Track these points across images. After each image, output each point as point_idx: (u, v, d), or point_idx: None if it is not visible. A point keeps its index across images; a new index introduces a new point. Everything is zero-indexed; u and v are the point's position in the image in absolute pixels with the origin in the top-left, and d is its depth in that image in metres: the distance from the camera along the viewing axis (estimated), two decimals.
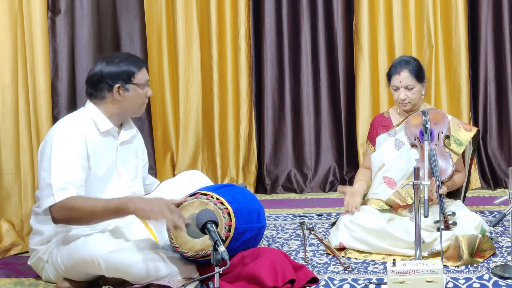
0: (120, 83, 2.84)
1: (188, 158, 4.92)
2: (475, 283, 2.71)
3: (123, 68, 2.85)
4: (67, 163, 2.70)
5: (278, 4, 4.82)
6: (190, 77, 4.88)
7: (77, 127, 2.79)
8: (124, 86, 2.85)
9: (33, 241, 2.90)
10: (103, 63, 2.87)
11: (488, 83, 4.68)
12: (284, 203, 4.46)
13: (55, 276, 2.85)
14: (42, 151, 2.78)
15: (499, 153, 4.71)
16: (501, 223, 3.33)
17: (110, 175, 2.90)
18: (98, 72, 2.86)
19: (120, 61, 2.86)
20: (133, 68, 2.87)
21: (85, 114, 2.88)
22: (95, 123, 2.85)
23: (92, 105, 2.89)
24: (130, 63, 2.87)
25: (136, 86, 2.87)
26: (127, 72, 2.85)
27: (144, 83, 2.90)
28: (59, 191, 2.65)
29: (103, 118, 2.87)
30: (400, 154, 3.36)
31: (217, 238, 2.40)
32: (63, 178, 2.67)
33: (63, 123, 2.84)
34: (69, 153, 2.72)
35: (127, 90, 2.86)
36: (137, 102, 2.91)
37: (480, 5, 4.63)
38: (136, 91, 2.88)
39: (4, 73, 3.38)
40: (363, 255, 3.13)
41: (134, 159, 3.04)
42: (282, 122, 4.91)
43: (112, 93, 2.85)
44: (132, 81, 2.86)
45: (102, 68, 2.86)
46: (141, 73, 2.90)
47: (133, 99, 2.88)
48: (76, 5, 3.97)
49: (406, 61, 3.43)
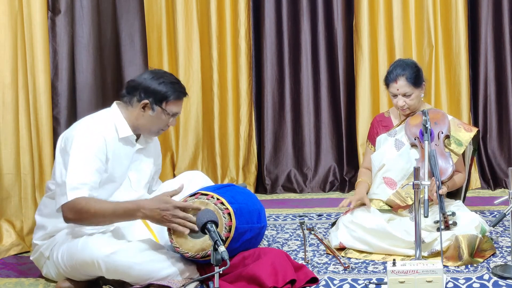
0: (150, 100, 2.84)
1: (188, 158, 4.92)
2: (475, 283, 2.71)
3: (162, 89, 2.85)
4: (84, 164, 2.71)
5: (278, 4, 4.82)
6: (190, 77, 4.88)
7: (98, 130, 2.80)
8: (152, 105, 2.85)
9: (36, 235, 2.91)
10: (151, 75, 2.88)
11: (488, 83, 4.69)
12: (284, 203, 4.46)
13: (56, 273, 2.85)
14: (63, 146, 2.78)
15: (499, 153, 4.71)
16: (501, 223, 3.33)
17: (122, 180, 2.92)
18: (140, 80, 2.88)
19: (164, 82, 2.86)
20: (171, 94, 2.86)
21: (108, 116, 2.88)
22: (116, 128, 2.86)
23: (116, 108, 2.90)
24: (171, 89, 2.86)
25: (163, 111, 2.87)
26: (163, 95, 2.85)
27: (172, 114, 2.90)
28: (72, 190, 2.66)
29: (124, 123, 2.88)
30: (400, 154, 3.35)
31: (217, 238, 2.40)
32: (78, 178, 2.68)
33: (86, 123, 2.84)
34: (87, 155, 2.73)
35: (153, 110, 2.86)
36: (155, 125, 2.90)
37: (480, 5, 4.63)
38: (160, 116, 2.88)
39: (4, 73, 3.39)
40: (363, 255, 3.13)
41: (148, 164, 3.06)
42: (282, 122, 4.91)
43: (138, 104, 2.86)
44: (162, 105, 2.86)
45: (145, 78, 2.87)
46: (175, 103, 2.89)
47: (153, 120, 2.88)
48: (76, 5, 3.97)
49: (403, 67, 3.35)
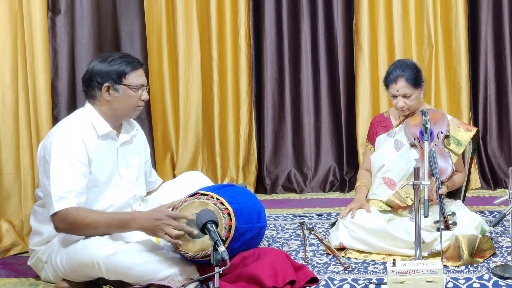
0: (109, 82, 2.77)
1: (188, 158, 4.92)
2: (475, 283, 2.71)
3: (114, 67, 2.77)
4: (66, 171, 2.66)
5: (278, 4, 4.82)
6: (190, 77, 4.88)
7: (75, 132, 2.74)
8: (114, 86, 2.77)
9: (33, 241, 2.89)
10: (97, 61, 2.81)
11: (488, 83, 4.68)
12: (284, 203, 4.46)
13: (54, 276, 2.84)
14: (42, 155, 2.74)
15: (499, 153, 4.71)
16: (501, 223, 3.33)
17: (111, 178, 2.88)
18: (89, 69, 2.80)
19: (113, 60, 2.78)
20: (126, 68, 2.78)
21: (83, 116, 2.82)
22: (93, 127, 2.80)
23: (89, 106, 2.84)
24: (123, 63, 2.78)
25: (126, 87, 2.78)
26: (118, 72, 2.77)
27: (137, 86, 2.81)
28: (58, 201, 2.63)
29: (101, 120, 2.81)
30: (400, 154, 3.35)
31: (217, 238, 2.40)
32: (62, 187, 2.64)
33: (62, 127, 2.78)
34: (68, 161, 2.68)
35: (117, 90, 2.78)
36: (128, 104, 2.81)
37: (480, 5, 4.63)
38: (127, 93, 2.79)
39: (4, 73, 3.38)
40: (363, 255, 3.13)
41: (136, 157, 3.00)
42: (282, 122, 4.90)
43: (101, 92, 2.78)
44: (123, 81, 2.78)
45: (94, 65, 2.79)
46: (135, 74, 2.80)
47: (123, 100, 2.80)
48: (76, 5, 3.97)
49: (402, 68, 3.34)
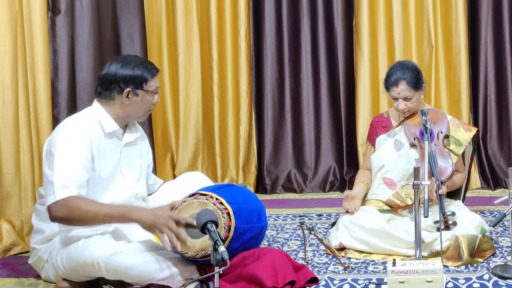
0: (131, 87, 2.85)
1: (188, 158, 4.92)
2: (475, 283, 2.71)
3: (137, 73, 2.85)
4: (70, 162, 2.70)
5: (278, 4, 4.82)
6: (190, 77, 4.88)
7: (82, 128, 2.79)
8: (135, 91, 2.86)
9: (34, 239, 2.90)
10: (119, 64, 2.87)
11: (488, 83, 4.68)
12: (284, 203, 4.46)
13: (55, 276, 2.84)
14: (48, 149, 2.78)
15: (499, 153, 4.71)
16: (501, 223, 3.33)
17: (114, 176, 2.91)
18: (111, 73, 2.86)
19: (136, 66, 2.86)
20: (147, 74, 2.87)
21: (91, 114, 2.88)
22: (101, 124, 2.86)
23: (98, 105, 2.89)
24: (144, 69, 2.87)
25: (146, 92, 2.88)
26: (141, 78, 2.86)
27: (154, 91, 2.91)
28: (60, 189, 2.65)
29: (109, 119, 2.87)
30: (400, 155, 3.35)
31: (217, 238, 2.40)
32: (65, 176, 2.67)
33: (70, 122, 2.83)
34: (72, 153, 2.72)
35: (137, 95, 2.87)
36: (143, 108, 2.92)
37: (480, 5, 4.63)
38: (145, 98, 2.89)
39: (4, 73, 3.38)
40: (363, 255, 3.13)
41: (138, 159, 3.05)
42: (282, 122, 4.90)
43: (121, 96, 2.86)
44: (144, 87, 2.87)
45: (116, 69, 2.85)
46: (154, 80, 2.91)
47: (140, 104, 2.90)
48: (76, 5, 3.97)
49: (402, 71, 3.32)
